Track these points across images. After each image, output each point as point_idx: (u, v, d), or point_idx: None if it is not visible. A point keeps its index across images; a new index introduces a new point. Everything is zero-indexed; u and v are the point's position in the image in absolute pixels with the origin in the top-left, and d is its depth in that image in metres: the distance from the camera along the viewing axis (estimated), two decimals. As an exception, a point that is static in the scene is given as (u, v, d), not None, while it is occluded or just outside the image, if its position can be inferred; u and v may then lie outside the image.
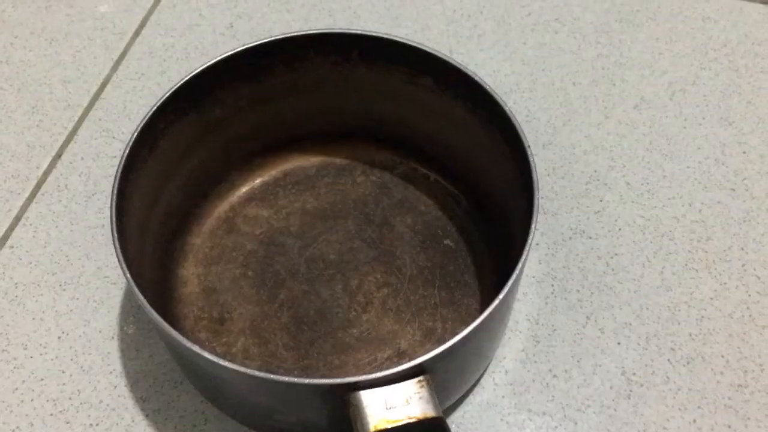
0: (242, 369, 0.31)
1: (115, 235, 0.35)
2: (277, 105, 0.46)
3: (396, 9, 0.59)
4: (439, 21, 0.58)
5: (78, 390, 0.41)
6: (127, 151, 0.37)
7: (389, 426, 0.30)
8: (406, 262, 0.44)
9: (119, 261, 0.34)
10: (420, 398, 0.31)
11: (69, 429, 0.40)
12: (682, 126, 0.52)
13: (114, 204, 0.36)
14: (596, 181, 0.50)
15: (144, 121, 0.39)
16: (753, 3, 0.59)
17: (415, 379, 0.31)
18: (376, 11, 0.59)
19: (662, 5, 0.59)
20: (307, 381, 0.31)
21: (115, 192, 0.36)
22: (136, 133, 0.38)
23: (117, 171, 0.37)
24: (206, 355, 0.31)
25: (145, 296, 0.33)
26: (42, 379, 0.42)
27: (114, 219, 0.35)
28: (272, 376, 0.31)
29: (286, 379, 0.31)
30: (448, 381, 0.37)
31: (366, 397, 0.31)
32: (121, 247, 0.34)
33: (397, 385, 0.31)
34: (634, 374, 0.42)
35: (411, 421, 0.31)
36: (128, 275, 0.34)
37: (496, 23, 0.58)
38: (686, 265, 0.46)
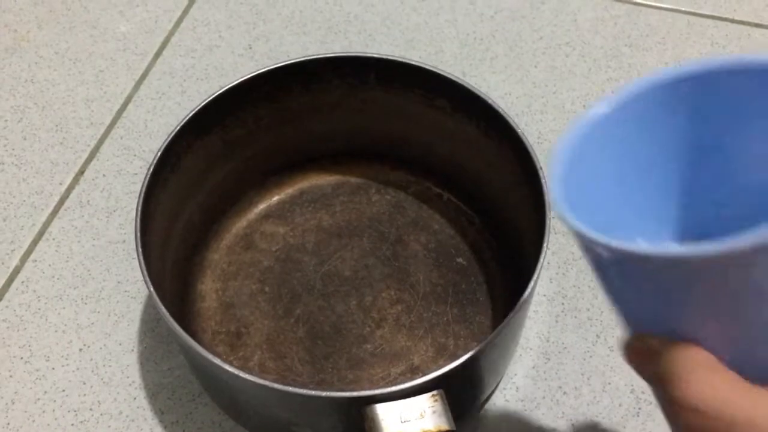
0: (261, 381, 0.32)
1: (140, 250, 0.36)
2: (295, 125, 0.47)
3: (410, 32, 0.60)
4: (452, 44, 0.59)
5: (98, 401, 0.42)
6: (150, 170, 0.38)
7: (404, 439, 0.31)
8: (420, 279, 0.45)
9: (143, 275, 0.35)
10: (434, 412, 0.32)
11: (89, 439, 0.41)
12: (691, 148, 0.53)
13: (138, 221, 0.37)
14: (606, 201, 0.50)
15: (167, 141, 0.40)
16: (761, 29, 0.60)
17: (429, 394, 0.32)
18: (392, 34, 0.60)
19: (671, 30, 0.60)
20: (324, 394, 0.32)
21: (140, 209, 0.37)
22: (159, 153, 0.39)
23: (141, 189, 0.38)
24: (226, 367, 0.32)
25: (167, 309, 0.34)
26: (63, 390, 0.43)
27: (138, 235, 0.36)
28: (290, 388, 0.32)
29: (304, 391, 0.32)
30: (460, 397, 0.37)
31: (381, 410, 0.32)
32: (145, 263, 0.36)
33: (411, 399, 0.32)
34: (643, 392, 0.42)
35: (425, 434, 0.31)
36: (152, 289, 0.35)
37: (508, 47, 0.59)
38: (695, 285, 0.46)
